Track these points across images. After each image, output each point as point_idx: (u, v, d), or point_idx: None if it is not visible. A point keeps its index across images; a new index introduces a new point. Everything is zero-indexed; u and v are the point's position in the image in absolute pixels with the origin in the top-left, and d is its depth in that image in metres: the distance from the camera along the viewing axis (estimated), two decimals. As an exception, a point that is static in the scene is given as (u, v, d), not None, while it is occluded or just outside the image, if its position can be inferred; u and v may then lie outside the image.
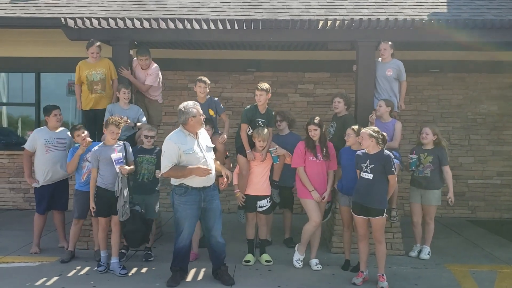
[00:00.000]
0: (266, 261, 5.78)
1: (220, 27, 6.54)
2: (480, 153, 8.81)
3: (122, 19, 6.55)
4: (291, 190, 6.44)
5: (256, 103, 5.85)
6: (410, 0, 8.27)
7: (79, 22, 6.49)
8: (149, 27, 6.55)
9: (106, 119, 5.61)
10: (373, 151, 5.07)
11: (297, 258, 5.70)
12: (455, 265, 5.87)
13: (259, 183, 5.76)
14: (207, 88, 6.20)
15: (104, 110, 6.29)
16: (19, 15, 7.45)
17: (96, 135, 6.30)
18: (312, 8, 7.94)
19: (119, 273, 5.34)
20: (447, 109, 8.81)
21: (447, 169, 6.08)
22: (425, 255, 6.08)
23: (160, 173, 5.68)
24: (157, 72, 6.72)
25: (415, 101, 8.75)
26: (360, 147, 5.31)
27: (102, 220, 5.53)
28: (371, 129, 5.13)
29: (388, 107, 6.22)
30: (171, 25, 6.54)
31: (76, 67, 6.50)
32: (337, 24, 6.50)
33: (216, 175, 5.26)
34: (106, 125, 5.45)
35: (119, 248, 5.59)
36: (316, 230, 5.70)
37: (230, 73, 8.78)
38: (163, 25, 6.54)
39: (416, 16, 7.19)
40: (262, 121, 5.81)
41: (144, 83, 6.67)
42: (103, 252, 5.56)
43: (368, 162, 5.05)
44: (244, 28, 6.56)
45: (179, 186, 5.02)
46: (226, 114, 6.43)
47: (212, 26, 6.55)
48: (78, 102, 6.60)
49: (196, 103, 5.09)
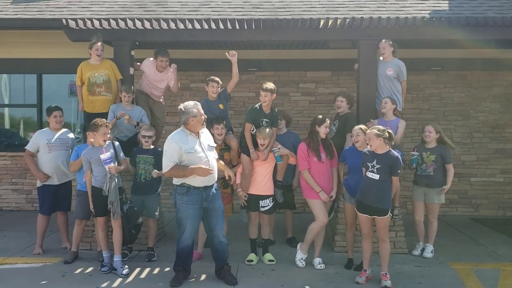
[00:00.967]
0: (269, 260, 5.78)
1: (221, 26, 6.55)
2: (482, 151, 8.79)
3: (124, 20, 6.56)
4: (291, 189, 6.44)
5: (260, 103, 5.85)
6: (411, -2, 8.26)
7: (80, 23, 6.51)
8: (150, 28, 6.56)
9: (93, 121, 5.46)
10: (381, 151, 5.03)
11: (299, 257, 5.69)
12: (459, 263, 5.85)
13: (262, 183, 5.75)
14: (219, 88, 6.18)
15: (107, 113, 6.28)
16: (21, 16, 7.46)
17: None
18: (313, 7, 7.92)
19: (121, 273, 5.33)
20: (449, 107, 8.80)
21: (450, 166, 6.07)
22: (428, 254, 6.07)
23: (157, 173, 5.71)
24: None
25: (417, 99, 8.74)
26: (366, 147, 5.31)
27: (101, 220, 5.51)
28: (377, 128, 5.09)
29: (393, 104, 6.22)
30: (172, 25, 6.55)
31: (78, 68, 6.50)
32: (338, 23, 6.50)
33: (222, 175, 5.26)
34: (96, 128, 5.34)
35: (121, 247, 5.54)
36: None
37: (231, 72, 8.72)
38: (164, 25, 6.55)
39: (417, 15, 7.17)
40: (266, 121, 5.80)
41: (172, 89, 6.84)
42: (105, 253, 5.56)
43: (375, 162, 5.01)
44: (245, 27, 6.57)
45: (181, 185, 5.02)
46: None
47: (213, 26, 6.56)
48: (80, 104, 6.59)
49: (197, 103, 5.08)
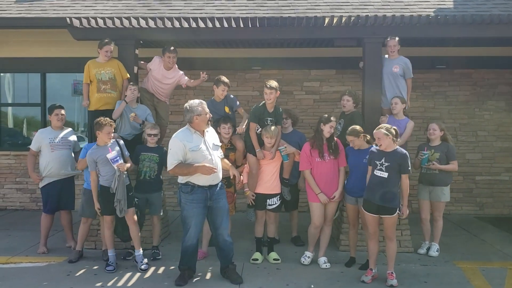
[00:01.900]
0: (274, 259, 5.76)
1: (225, 25, 6.53)
2: (487, 149, 8.75)
3: (128, 19, 6.55)
4: (297, 188, 6.42)
5: (263, 102, 5.82)
6: (415, -4, 8.22)
7: (84, 21, 6.50)
8: (154, 26, 6.55)
9: (96, 120, 5.48)
10: (389, 149, 5.01)
11: (305, 254, 5.70)
12: (465, 262, 5.83)
13: (269, 182, 5.74)
14: (226, 91, 6.12)
15: (112, 111, 6.28)
16: (24, 15, 7.45)
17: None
18: (318, 5, 7.89)
19: (140, 268, 5.45)
20: (454, 105, 8.75)
21: (455, 163, 6.05)
22: (434, 252, 6.05)
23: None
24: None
25: (422, 97, 8.70)
26: (365, 146, 5.29)
27: (108, 218, 5.52)
28: (384, 127, 5.06)
29: (403, 104, 6.20)
30: (177, 24, 6.54)
31: (85, 66, 6.50)
32: (343, 21, 6.47)
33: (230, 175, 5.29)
34: (100, 127, 5.37)
35: (139, 241, 5.59)
36: (326, 229, 5.70)
37: (235, 71, 8.74)
38: (168, 24, 6.54)
39: (422, 12, 7.14)
40: (270, 119, 5.79)
41: (185, 84, 6.79)
42: (111, 251, 5.55)
43: (383, 160, 4.99)
44: (250, 26, 6.55)
45: (186, 184, 5.01)
46: (242, 109, 6.33)
47: (218, 25, 6.54)
48: (85, 100, 6.58)
49: (202, 102, 5.07)
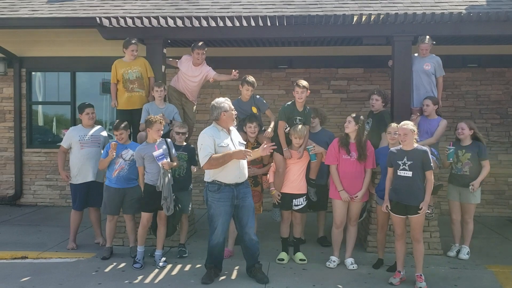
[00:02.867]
0: (300, 259, 5.72)
1: (253, 24, 6.52)
2: (520, 150, 8.50)
3: (156, 18, 6.60)
4: (326, 188, 6.35)
5: (293, 101, 5.79)
6: (446, -7, 8.04)
7: (113, 21, 6.58)
8: (182, 25, 6.59)
9: (147, 118, 5.67)
10: (410, 147, 4.94)
11: (330, 259, 5.66)
12: (497, 266, 5.66)
13: (296, 181, 5.71)
14: (253, 90, 6.13)
15: (140, 110, 6.35)
16: (56, 15, 7.60)
17: (132, 135, 6.37)
18: (346, 3, 7.81)
19: (158, 265, 5.52)
20: (486, 105, 8.53)
21: (486, 163, 5.87)
22: (464, 255, 5.89)
23: (196, 168, 5.76)
24: None
25: (452, 97, 8.51)
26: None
27: (145, 216, 5.59)
28: (411, 124, 5.01)
29: (435, 105, 6.08)
30: (204, 23, 6.56)
31: (112, 66, 6.58)
32: (372, 19, 6.38)
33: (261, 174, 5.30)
34: (151, 124, 5.51)
35: (163, 242, 5.71)
36: (351, 229, 5.65)
37: (261, 70, 8.72)
38: (196, 23, 6.56)
39: (453, 10, 6.99)
40: (299, 118, 5.76)
41: (212, 78, 6.70)
42: (141, 248, 5.62)
43: (405, 159, 4.92)
44: (277, 24, 6.53)
45: (212, 183, 5.03)
46: (270, 110, 6.32)
47: (245, 23, 6.53)
48: (113, 100, 6.66)
49: (228, 99, 5.11)
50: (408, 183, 4.91)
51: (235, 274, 5.35)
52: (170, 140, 5.81)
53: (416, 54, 6.51)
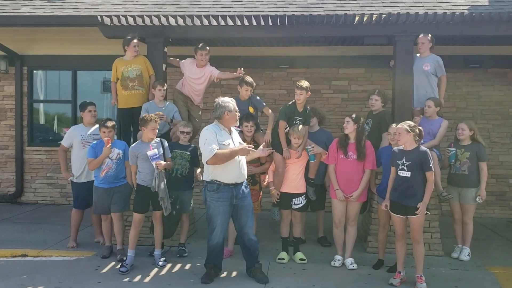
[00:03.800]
0: (300, 259, 5.71)
1: (254, 23, 6.51)
2: (522, 151, 8.48)
3: (157, 17, 6.59)
4: (323, 187, 6.35)
5: (294, 101, 5.79)
6: (448, -7, 8.02)
7: (115, 19, 6.57)
8: (183, 24, 6.57)
9: (142, 116, 5.60)
10: (410, 147, 4.94)
11: (335, 258, 5.65)
12: (498, 267, 5.65)
13: (295, 181, 5.70)
14: (252, 91, 6.13)
15: (140, 108, 6.34)
16: (57, 13, 7.62)
17: (132, 134, 6.36)
18: (347, 2, 7.80)
19: (158, 264, 5.51)
20: (488, 106, 8.51)
21: (484, 165, 5.84)
22: (464, 256, 5.88)
23: (199, 170, 5.77)
24: None
25: (454, 97, 8.49)
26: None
27: (138, 217, 5.55)
28: (407, 124, 5.00)
29: (437, 107, 6.06)
30: (205, 22, 6.55)
31: (113, 65, 6.58)
32: (374, 18, 6.36)
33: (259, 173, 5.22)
34: (145, 123, 5.43)
35: (161, 241, 5.70)
36: (350, 229, 5.65)
37: (263, 69, 8.71)
38: (197, 22, 6.55)
39: (456, 10, 6.98)
40: (299, 119, 5.76)
41: (217, 77, 6.64)
42: (131, 252, 5.50)
43: (404, 159, 4.92)
44: (278, 24, 6.51)
45: (211, 182, 5.02)
46: (268, 108, 6.28)
47: (246, 23, 6.52)
48: (113, 99, 6.66)
49: (233, 100, 5.11)
50: (406, 184, 4.90)
51: (235, 274, 5.34)
52: (165, 140, 5.73)
53: (418, 55, 6.49)
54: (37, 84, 9.33)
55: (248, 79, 6.06)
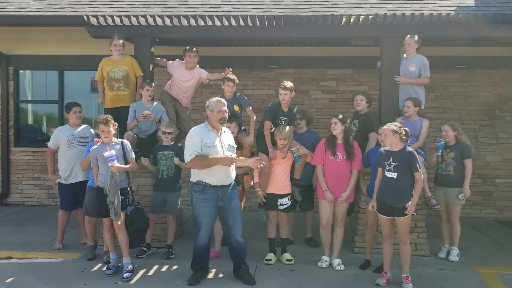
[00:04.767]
0: (288, 260, 5.71)
1: (242, 23, 6.50)
2: (508, 151, 8.53)
3: (144, 17, 6.55)
4: (311, 188, 6.35)
5: (278, 101, 5.78)
6: (435, -6, 8.07)
7: (101, 19, 6.52)
8: (170, 24, 6.55)
9: (98, 118, 5.36)
10: (396, 148, 4.95)
11: (322, 259, 5.65)
12: (483, 267, 5.69)
13: (280, 181, 5.69)
14: (235, 88, 6.14)
15: (127, 107, 6.30)
16: (43, 13, 7.54)
17: (119, 133, 6.30)
18: (335, 3, 7.81)
19: (122, 276, 5.16)
20: (474, 106, 8.57)
21: (468, 162, 5.84)
22: (454, 257, 5.89)
23: (178, 161, 5.72)
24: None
25: (441, 98, 8.54)
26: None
27: (105, 220, 5.37)
28: (394, 124, 5.01)
29: (416, 106, 6.07)
30: (193, 22, 6.52)
31: (99, 64, 6.53)
32: (361, 19, 6.38)
33: (241, 174, 5.17)
34: (97, 124, 5.26)
35: (128, 248, 5.31)
36: (337, 230, 5.66)
37: (251, 70, 8.70)
38: (184, 22, 6.53)
39: (442, 11, 7.02)
40: (284, 119, 5.75)
41: (206, 79, 6.67)
42: (113, 255, 5.40)
43: (391, 160, 4.93)
44: (266, 24, 6.51)
45: (197, 183, 5.00)
46: (251, 109, 6.29)
47: (234, 23, 6.51)
48: (100, 98, 6.62)
49: (221, 100, 5.07)
50: (392, 185, 4.91)
51: (221, 276, 5.32)
52: (126, 142, 5.50)
53: (404, 55, 6.52)
54: (23, 85, 9.22)
55: (231, 76, 6.09)
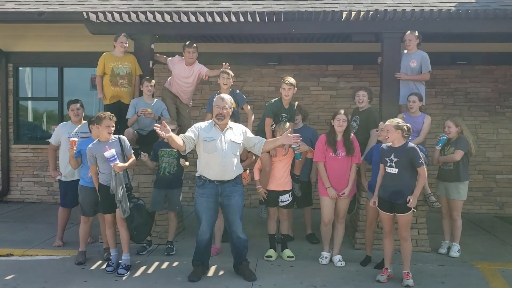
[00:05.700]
0: (288, 256, 5.71)
1: (242, 19, 6.48)
2: (509, 147, 8.52)
3: (144, 13, 6.53)
4: (309, 183, 6.35)
5: (279, 97, 5.76)
6: (436, -10, 8.04)
7: (100, 16, 6.51)
8: (170, 21, 6.53)
9: (97, 114, 5.31)
10: (398, 144, 4.94)
11: (321, 255, 5.64)
12: (484, 263, 5.69)
13: (281, 178, 5.68)
14: (230, 80, 6.13)
15: (128, 105, 6.29)
16: (42, 9, 7.50)
17: (119, 129, 6.30)
18: (335, -1, 7.78)
19: (117, 271, 5.18)
20: (475, 102, 8.55)
21: (457, 152, 5.77)
22: (455, 253, 5.89)
23: (184, 162, 5.75)
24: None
25: (441, 94, 8.53)
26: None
27: (109, 217, 5.34)
28: (396, 121, 5.00)
29: (420, 101, 6.08)
30: (193, 18, 6.50)
31: (100, 58, 6.52)
32: (361, 15, 6.36)
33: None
34: (99, 120, 5.14)
35: (128, 245, 5.34)
36: (338, 226, 5.65)
37: (251, 66, 8.68)
38: (184, 18, 6.51)
39: (442, 7, 6.98)
40: (285, 115, 5.74)
41: (205, 75, 6.68)
42: (113, 251, 5.39)
43: (392, 156, 4.92)
44: (266, 20, 6.49)
45: (199, 178, 5.05)
46: (248, 106, 6.28)
47: (234, 19, 6.49)
48: (99, 93, 6.60)
49: (222, 96, 5.04)
50: (394, 180, 4.90)
51: (222, 272, 5.32)
52: (124, 138, 5.42)
53: (405, 51, 6.51)
54: (23, 81, 9.20)
55: (226, 69, 6.10)
